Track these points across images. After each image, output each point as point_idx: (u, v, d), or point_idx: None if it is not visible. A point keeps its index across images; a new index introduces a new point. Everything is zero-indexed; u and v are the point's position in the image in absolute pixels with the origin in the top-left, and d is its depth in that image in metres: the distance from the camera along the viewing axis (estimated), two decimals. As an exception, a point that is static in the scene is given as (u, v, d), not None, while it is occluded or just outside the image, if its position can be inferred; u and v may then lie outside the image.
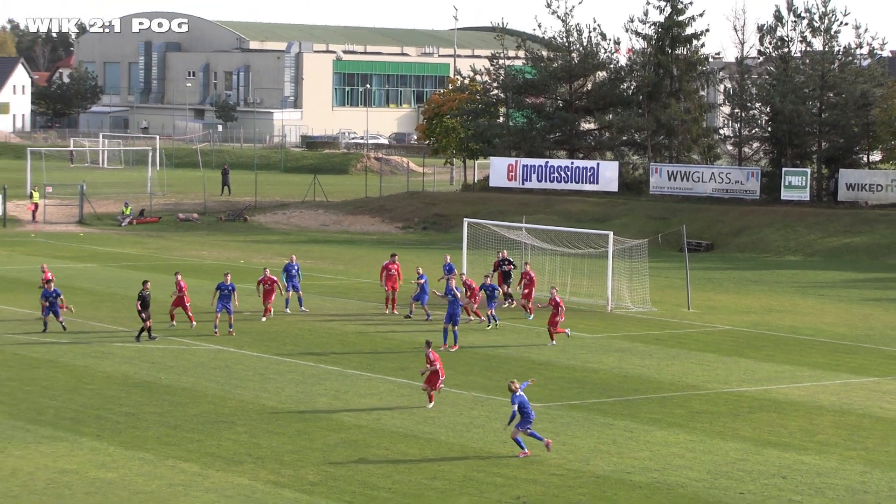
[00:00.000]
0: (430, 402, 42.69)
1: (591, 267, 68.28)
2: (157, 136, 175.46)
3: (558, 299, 55.02)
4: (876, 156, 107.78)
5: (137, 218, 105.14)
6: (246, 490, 33.72)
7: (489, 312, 58.35)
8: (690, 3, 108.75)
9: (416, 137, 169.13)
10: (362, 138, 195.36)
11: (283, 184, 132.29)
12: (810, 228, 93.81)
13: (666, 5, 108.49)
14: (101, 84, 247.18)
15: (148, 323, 53.68)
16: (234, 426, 39.63)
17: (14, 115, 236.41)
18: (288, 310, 60.48)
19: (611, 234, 66.65)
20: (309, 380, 47.20)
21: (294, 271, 61.52)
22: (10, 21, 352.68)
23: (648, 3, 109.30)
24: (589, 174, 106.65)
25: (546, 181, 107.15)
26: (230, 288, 55.36)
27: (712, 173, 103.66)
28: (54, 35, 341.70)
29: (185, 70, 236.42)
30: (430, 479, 35.07)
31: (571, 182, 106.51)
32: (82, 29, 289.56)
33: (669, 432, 40.66)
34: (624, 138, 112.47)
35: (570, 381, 47.96)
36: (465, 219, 74.55)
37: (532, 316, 60.12)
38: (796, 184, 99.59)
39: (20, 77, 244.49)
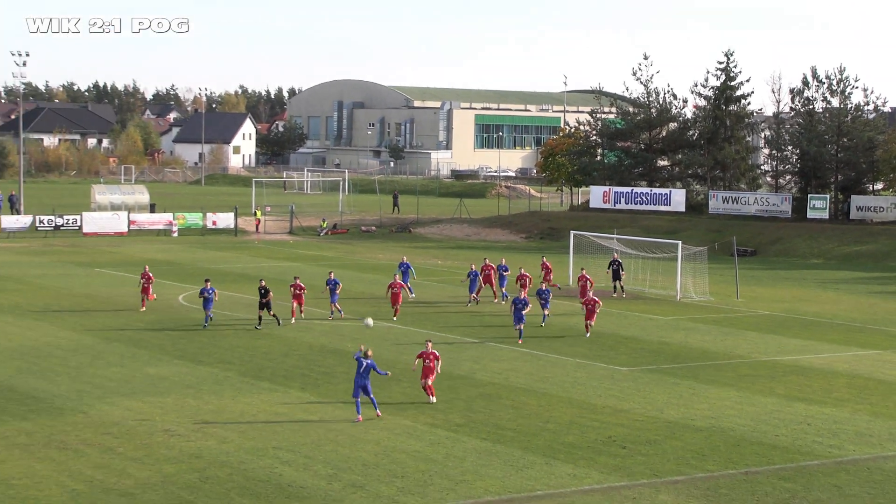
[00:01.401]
0: (431, 396, 37.59)
1: (664, 267, 67.96)
2: (346, 170, 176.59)
3: (588, 277, 57.62)
4: (879, 185, 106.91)
5: (331, 230, 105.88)
6: (409, 429, 33.95)
7: (545, 312, 53.17)
8: (740, 72, 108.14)
9: (535, 171, 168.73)
10: (496, 172, 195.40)
11: (438, 205, 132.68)
12: (829, 239, 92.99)
13: (721, 73, 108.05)
14: (306, 132, 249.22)
15: (271, 313, 51.56)
16: (400, 382, 39.84)
17: (243, 155, 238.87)
18: (342, 314, 55.38)
19: (679, 242, 66.44)
20: (456, 349, 47.38)
21: (332, 285, 55.56)
22: (241, 87, 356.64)
23: (708, 72, 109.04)
24: (663, 198, 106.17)
25: (631, 203, 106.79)
26: (210, 291, 51.37)
27: (755, 198, 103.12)
28: (272, 97, 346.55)
29: (367, 122, 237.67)
30: (544, 422, 35.12)
31: (650, 204, 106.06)
32: (292, 92, 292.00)
33: (722, 390, 40.42)
34: (689, 172, 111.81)
35: (649, 351, 47.80)
36: (571, 231, 74.51)
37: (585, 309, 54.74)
38: (819, 206, 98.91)
39: (248, 127, 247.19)
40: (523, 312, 49.39)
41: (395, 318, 54.06)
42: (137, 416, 34.81)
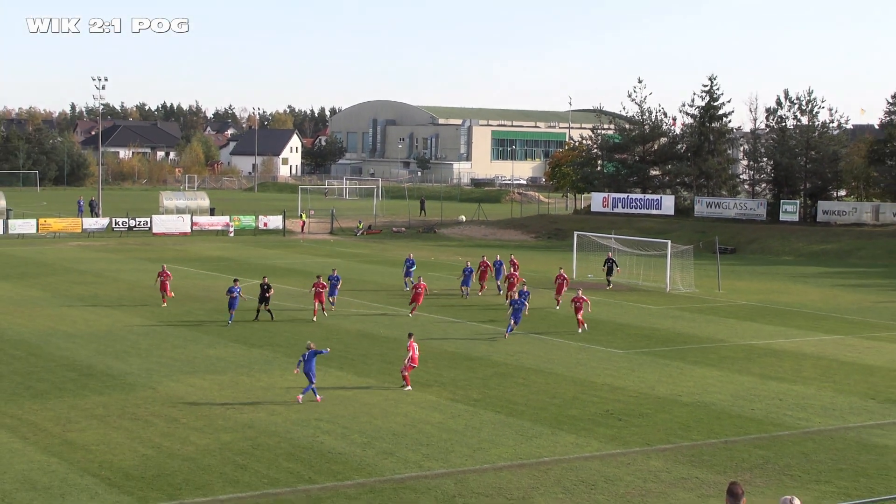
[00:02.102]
0: (407, 384, 35.80)
1: (655, 263, 67.79)
2: (380, 179, 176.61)
3: (564, 276, 55.58)
4: (843, 192, 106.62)
5: (367, 230, 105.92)
6: (433, 403, 33.94)
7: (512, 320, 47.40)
8: (722, 93, 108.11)
9: (544, 179, 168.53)
10: (510, 180, 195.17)
11: (459, 209, 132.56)
12: (799, 239, 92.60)
13: (706, 95, 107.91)
14: (345, 146, 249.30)
15: (267, 307, 49.33)
16: (426, 363, 39.77)
17: (291, 166, 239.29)
18: (333, 307, 53.39)
19: (669, 242, 66.27)
20: (473, 334, 47.35)
21: (335, 281, 53.65)
22: (289, 106, 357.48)
23: (694, 94, 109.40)
24: (655, 203, 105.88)
25: (627, 208, 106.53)
26: (237, 291, 48.53)
27: (735, 203, 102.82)
28: (316, 115, 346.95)
29: (398, 137, 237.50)
30: (550, 397, 35.07)
31: (643, 208, 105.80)
32: (333, 111, 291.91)
33: (706, 370, 40.29)
34: (678, 180, 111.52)
35: (642, 336, 47.68)
36: (575, 232, 74.36)
37: (559, 307, 54.77)
38: (790, 210, 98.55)
39: (294, 142, 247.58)
40: (520, 313, 46.93)
41: (411, 315, 51.81)
42: (198, 392, 34.90)
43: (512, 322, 46.77)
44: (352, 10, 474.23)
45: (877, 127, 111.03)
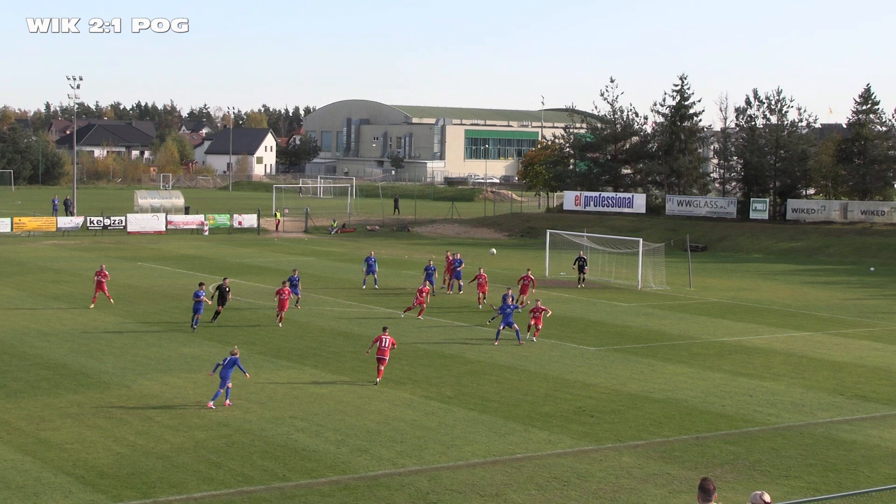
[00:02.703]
0: (379, 377, 36.01)
1: (627, 261, 67.93)
2: (354, 178, 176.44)
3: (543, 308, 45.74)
4: (811, 190, 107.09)
5: (341, 229, 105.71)
6: (407, 400, 33.89)
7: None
8: (692, 93, 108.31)
9: (516, 178, 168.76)
10: (483, 179, 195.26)
11: (433, 208, 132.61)
12: (768, 237, 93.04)
13: (676, 94, 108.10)
14: (319, 145, 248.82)
15: (221, 308, 48.24)
16: (400, 361, 39.74)
17: (265, 165, 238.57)
18: (298, 306, 52.79)
19: (640, 240, 66.42)
20: (447, 331, 47.32)
21: (296, 280, 52.94)
22: (264, 106, 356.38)
23: (665, 93, 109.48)
24: (626, 202, 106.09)
25: (599, 206, 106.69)
26: (201, 295, 46.33)
27: (706, 201, 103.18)
28: (290, 114, 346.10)
29: (372, 136, 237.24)
30: (523, 395, 35.07)
31: (615, 207, 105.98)
32: (307, 111, 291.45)
33: (677, 367, 40.38)
34: (649, 179, 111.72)
35: (614, 333, 47.75)
36: (548, 230, 74.44)
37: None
38: (760, 208, 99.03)
39: (269, 140, 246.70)
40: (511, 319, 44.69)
41: (420, 317, 50.36)
42: (173, 390, 34.75)
43: (516, 328, 44.36)
44: (326, 10, 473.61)
45: (844, 126, 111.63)
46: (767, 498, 16.23)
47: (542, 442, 29.35)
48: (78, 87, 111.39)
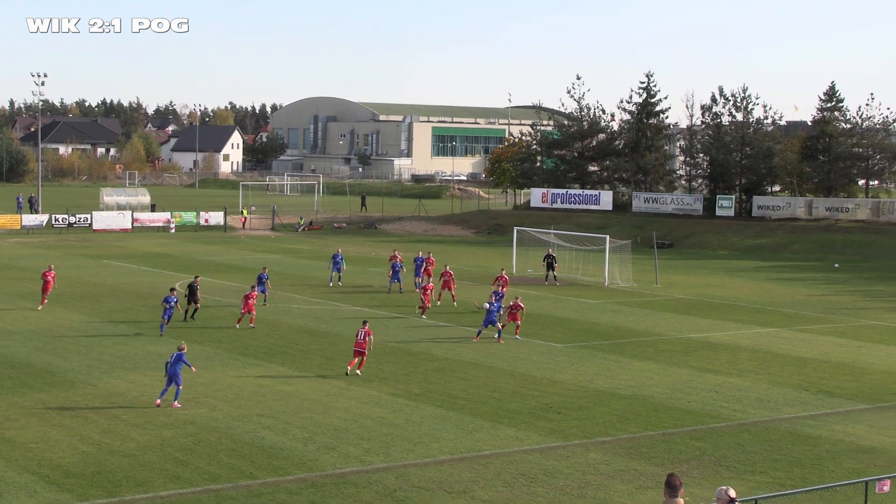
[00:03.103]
0: (351, 368, 36.92)
1: (594, 258, 68.10)
2: (321, 175, 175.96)
3: (521, 305, 45.87)
4: (777, 187, 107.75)
5: (308, 226, 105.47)
6: (374, 398, 33.86)
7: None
8: (658, 90, 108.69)
9: (484, 175, 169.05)
10: (450, 176, 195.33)
11: (400, 205, 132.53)
12: (734, 234, 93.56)
13: (643, 92, 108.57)
14: (286, 142, 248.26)
15: (197, 305, 48.08)
16: (368, 358, 39.67)
17: (232, 162, 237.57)
18: (266, 304, 52.37)
19: (607, 237, 66.63)
20: (415, 328, 47.31)
21: (265, 279, 52.94)
22: (230, 103, 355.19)
23: (632, 91, 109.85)
24: (593, 199, 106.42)
25: (566, 203, 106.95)
26: (173, 301, 44.93)
27: (672, 198, 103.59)
28: (257, 111, 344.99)
29: (339, 133, 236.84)
30: (490, 392, 35.10)
31: (582, 204, 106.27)
32: (274, 108, 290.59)
33: (643, 363, 40.52)
34: (616, 176, 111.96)
35: (581, 330, 47.85)
36: (515, 227, 74.53)
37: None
38: (726, 205, 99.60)
39: (236, 138, 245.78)
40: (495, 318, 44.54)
41: (423, 317, 50.17)
42: (139, 388, 34.57)
43: (499, 326, 44.26)
44: (292, 7, 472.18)
45: (809, 123, 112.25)
46: (733, 493, 16.33)
47: (509, 438, 29.38)
48: (42, 83, 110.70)
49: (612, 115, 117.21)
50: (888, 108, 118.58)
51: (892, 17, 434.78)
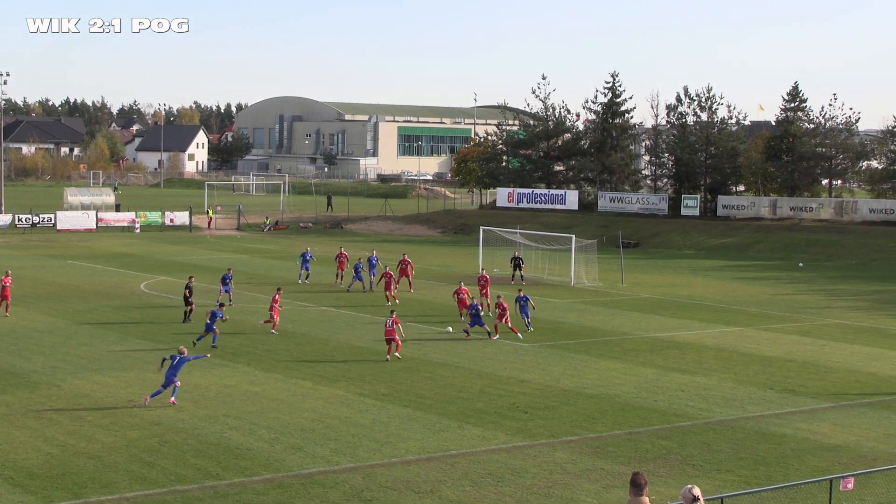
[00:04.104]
0: (390, 355, 39.63)
1: (560, 257, 68.22)
2: (286, 175, 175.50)
3: (504, 304, 45.50)
4: (741, 187, 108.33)
5: (273, 226, 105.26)
6: (341, 398, 33.80)
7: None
8: (624, 90, 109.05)
9: (450, 175, 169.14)
10: (416, 176, 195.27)
11: (366, 205, 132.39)
12: (699, 233, 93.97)
13: (608, 91, 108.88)
14: (251, 142, 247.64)
15: (192, 307, 47.82)
16: (334, 358, 39.69)
17: (197, 162, 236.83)
18: (231, 303, 52.06)
19: (573, 236, 66.71)
20: (381, 328, 47.20)
21: (229, 280, 53.03)
22: (195, 102, 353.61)
23: (597, 90, 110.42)
24: (559, 198, 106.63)
25: (532, 203, 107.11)
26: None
27: (637, 198, 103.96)
28: (222, 111, 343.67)
29: (305, 133, 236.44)
30: (457, 391, 35.10)
31: (548, 203, 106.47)
32: (239, 107, 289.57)
33: (610, 362, 40.61)
34: (581, 176, 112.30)
35: (547, 329, 47.88)
36: (481, 227, 74.54)
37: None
38: (691, 205, 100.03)
39: (201, 137, 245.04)
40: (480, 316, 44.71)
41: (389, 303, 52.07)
42: (104, 389, 34.37)
43: (487, 329, 44.51)
44: (257, 6, 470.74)
45: (773, 123, 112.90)
46: (697, 492, 16.39)
47: (476, 438, 29.40)
48: (5, 83, 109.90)
49: (578, 115, 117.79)
50: (851, 109, 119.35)
51: (855, 17, 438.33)
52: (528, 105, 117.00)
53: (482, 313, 45.79)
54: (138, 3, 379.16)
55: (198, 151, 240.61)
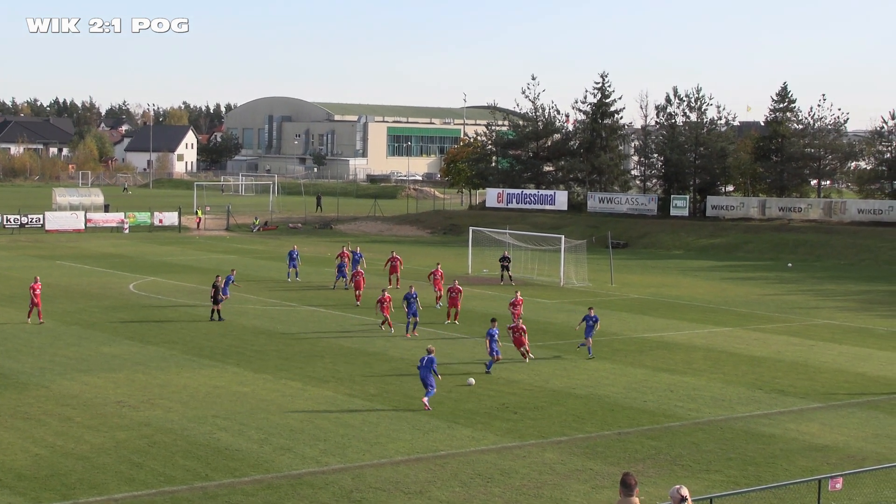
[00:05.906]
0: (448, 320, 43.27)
1: (549, 258, 68.26)
2: (276, 175, 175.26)
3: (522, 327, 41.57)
4: (730, 187, 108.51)
5: (263, 227, 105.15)
6: (330, 399, 33.78)
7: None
8: (613, 90, 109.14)
9: (439, 175, 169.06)
10: (405, 176, 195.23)
11: (355, 205, 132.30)
12: (689, 233, 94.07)
13: (597, 92, 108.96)
14: (240, 142, 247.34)
15: (219, 306, 48.58)
16: (323, 359, 39.65)
17: (186, 162, 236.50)
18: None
19: (562, 236, 66.79)
20: (372, 331, 47.21)
21: (230, 281, 53.26)
22: (184, 102, 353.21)
23: (587, 91, 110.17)
24: (548, 199, 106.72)
25: (522, 203, 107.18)
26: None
27: (627, 198, 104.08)
28: (212, 111, 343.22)
29: (294, 133, 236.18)
30: (447, 392, 35.06)
31: (537, 204, 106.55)
32: (229, 108, 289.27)
33: (599, 363, 40.64)
34: (571, 176, 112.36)
35: (537, 330, 47.78)
36: (470, 227, 74.56)
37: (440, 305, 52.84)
38: (680, 205, 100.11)
39: (190, 138, 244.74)
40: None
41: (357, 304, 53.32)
42: (93, 390, 34.29)
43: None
44: (247, 6, 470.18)
45: (762, 124, 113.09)
46: (685, 492, 16.42)
47: (465, 439, 29.39)
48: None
49: (567, 116, 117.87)
50: (839, 109, 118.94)
51: (843, 18, 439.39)
52: (518, 105, 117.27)
53: (437, 307, 46.61)
54: (138, 3, 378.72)
55: (187, 152, 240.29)
